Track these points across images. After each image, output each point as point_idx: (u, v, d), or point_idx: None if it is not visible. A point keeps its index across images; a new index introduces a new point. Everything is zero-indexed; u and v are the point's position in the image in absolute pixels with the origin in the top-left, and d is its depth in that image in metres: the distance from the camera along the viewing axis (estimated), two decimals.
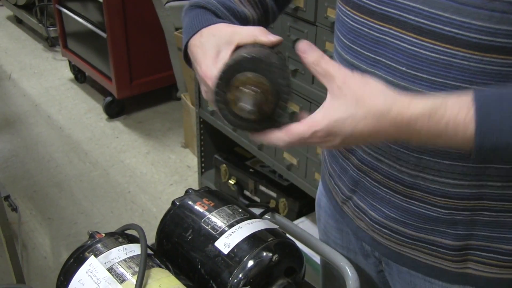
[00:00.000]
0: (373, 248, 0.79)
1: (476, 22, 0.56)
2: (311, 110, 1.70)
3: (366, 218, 0.75)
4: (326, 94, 0.58)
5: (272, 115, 0.59)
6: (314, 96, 1.63)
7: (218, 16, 0.72)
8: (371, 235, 0.77)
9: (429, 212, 0.69)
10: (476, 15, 0.55)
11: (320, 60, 0.57)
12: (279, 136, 0.58)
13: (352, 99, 0.55)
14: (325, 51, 1.54)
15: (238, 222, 0.73)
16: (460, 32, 0.57)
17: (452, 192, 0.66)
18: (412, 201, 0.69)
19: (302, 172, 1.76)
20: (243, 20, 0.76)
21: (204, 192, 0.81)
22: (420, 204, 0.69)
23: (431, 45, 0.60)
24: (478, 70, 0.58)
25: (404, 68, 0.62)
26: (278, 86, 0.58)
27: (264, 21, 0.81)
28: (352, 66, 0.69)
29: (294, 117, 0.58)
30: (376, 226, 0.74)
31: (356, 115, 0.55)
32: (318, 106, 0.58)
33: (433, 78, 0.61)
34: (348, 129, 0.56)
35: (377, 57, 0.65)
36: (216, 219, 0.74)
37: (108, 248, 0.70)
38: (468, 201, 0.66)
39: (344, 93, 0.55)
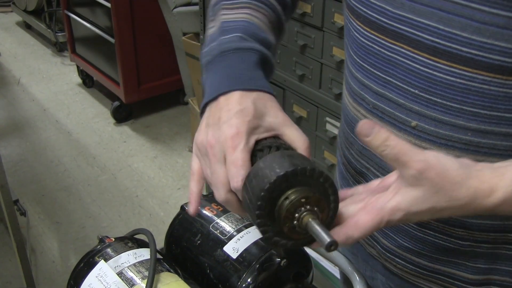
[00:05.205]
0: (386, 277, 0.74)
1: (499, 43, 0.51)
2: (318, 115, 1.71)
3: (378, 246, 0.70)
4: (332, 98, 0.55)
5: (328, 218, 0.51)
6: (321, 100, 1.63)
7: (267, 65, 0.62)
8: (383, 263, 0.72)
9: (446, 243, 0.64)
10: (500, 35, 0.51)
11: (387, 144, 0.49)
12: (348, 233, 0.51)
13: (431, 189, 0.49)
14: (332, 56, 1.54)
15: (246, 227, 0.74)
16: (480, 53, 0.52)
17: (472, 223, 0.61)
18: (427, 231, 0.64)
19: None
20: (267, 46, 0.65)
21: (212, 197, 0.81)
22: (437, 234, 0.63)
23: (447, 67, 0.55)
24: (500, 94, 0.54)
25: (416, 91, 0.58)
26: (324, 189, 0.50)
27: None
28: (362, 86, 0.65)
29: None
30: (388, 254, 0.69)
31: (436, 206, 0.49)
32: (326, 111, 0.54)
33: (448, 103, 0.56)
34: (426, 217, 0.51)
35: (387, 78, 0.61)
36: (225, 224, 0.74)
37: (118, 252, 0.71)
38: (489, 233, 0.61)
39: (422, 183, 0.49)
